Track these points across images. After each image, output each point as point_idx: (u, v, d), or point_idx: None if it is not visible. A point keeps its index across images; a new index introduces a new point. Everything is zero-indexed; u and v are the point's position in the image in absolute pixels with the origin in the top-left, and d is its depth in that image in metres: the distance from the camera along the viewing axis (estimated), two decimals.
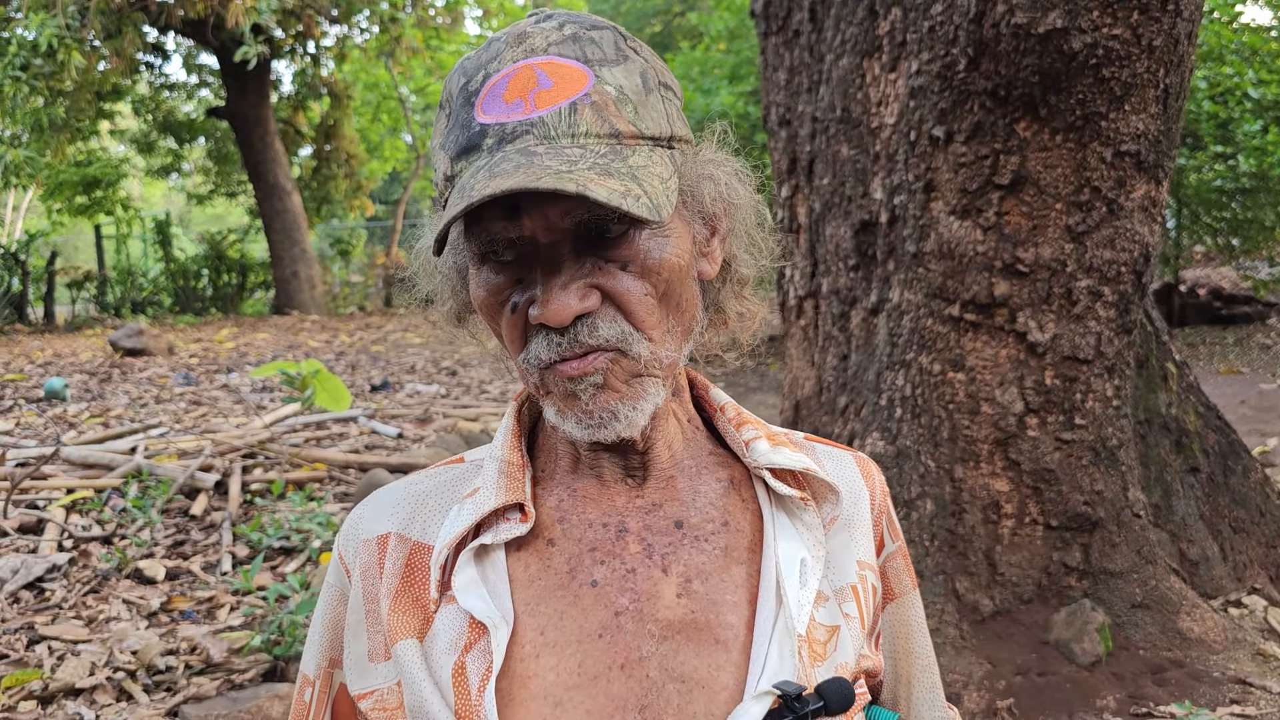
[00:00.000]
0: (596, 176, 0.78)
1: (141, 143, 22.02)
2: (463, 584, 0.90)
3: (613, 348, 0.86)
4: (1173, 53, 2.97)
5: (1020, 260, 3.13)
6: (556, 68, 0.84)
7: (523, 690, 0.86)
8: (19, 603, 3.83)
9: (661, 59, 0.94)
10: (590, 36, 0.87)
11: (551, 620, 0.89)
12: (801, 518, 0.96)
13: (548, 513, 0.95)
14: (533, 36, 0.87)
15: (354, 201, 20.80)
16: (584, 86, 0.84)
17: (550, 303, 0.83)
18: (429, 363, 10.60)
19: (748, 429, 0.99)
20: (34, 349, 12.29)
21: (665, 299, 0.88)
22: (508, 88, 0.84)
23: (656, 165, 0.84)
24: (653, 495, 0.95)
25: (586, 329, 0.85)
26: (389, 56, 16.95)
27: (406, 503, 0.98)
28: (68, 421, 7.11)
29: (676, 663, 0.88)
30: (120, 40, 13.23)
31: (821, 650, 0.92)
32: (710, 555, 0.93)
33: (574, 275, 0.84)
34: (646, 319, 0.87)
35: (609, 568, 0.91)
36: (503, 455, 0.97)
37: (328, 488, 5.29)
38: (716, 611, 0.91)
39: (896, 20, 3.33)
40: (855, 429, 3.53)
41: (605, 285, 0.85)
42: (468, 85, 0.87)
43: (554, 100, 0.83)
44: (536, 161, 0.79)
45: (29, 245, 17.15)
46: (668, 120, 0.88)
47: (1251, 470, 4.00)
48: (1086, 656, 3.00)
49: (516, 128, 0.82)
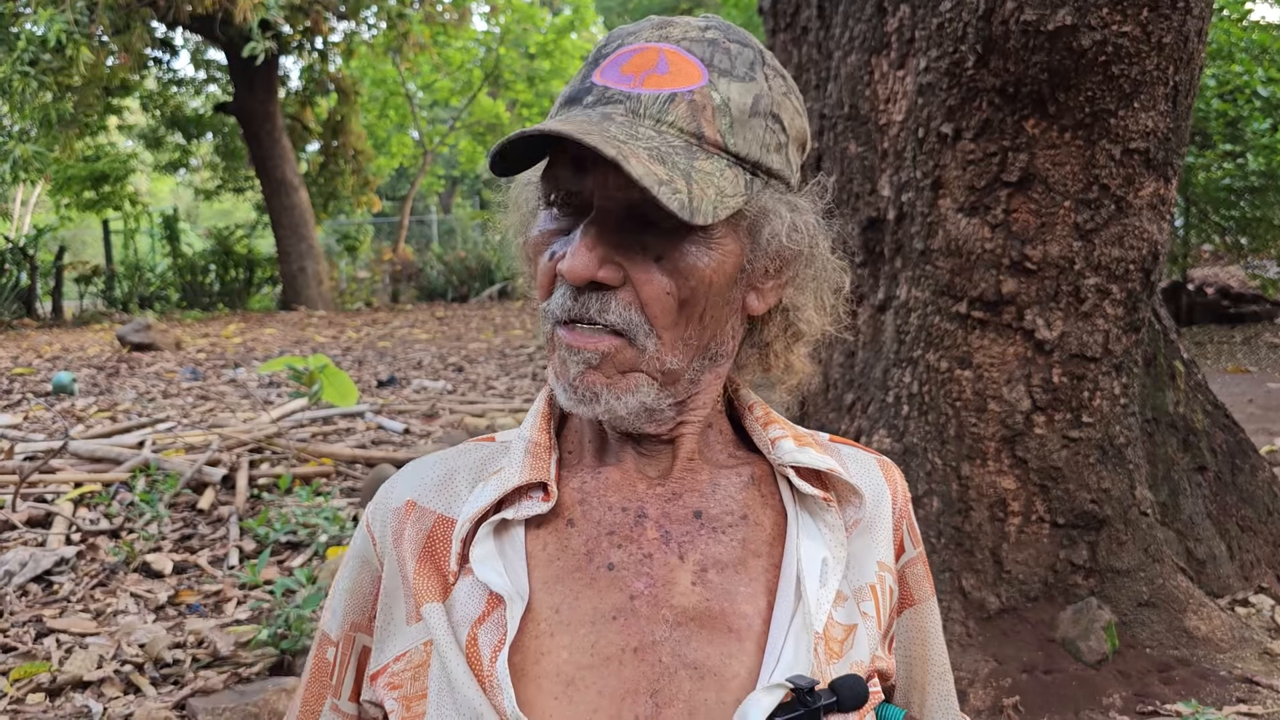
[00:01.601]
0: (647, 157, 0.80)
1: (149, 138, 22.06)
2: (480, 556, 0.91)
3: (618, 333, 0.86)
4: (1182, 50, 2.96)
5: (1028, 258, 3.13)
6: (678, 59, 0.87)
7: (535, 666, 0.87)
8: (27, 596, 3.84)
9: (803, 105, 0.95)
10: (728, 47, 0.89)
11: (567, 600, 0.90)
12: (824, 518, 0.96)
13: (570, 494, 0.95)
14: (675, 25, 0.90)
15: (361, 197, 20.83)
16: (693, 84, 0.86)
17: (572, 257, 0.84)
18: (436, 358, 10.61)
19: (774, 428, 1.00)
20: (42, 343, 12.33)
21: (686, 306, 0.88)
22: (629, 61, 0.87)
23: (722, 178, 0.84)
24: (674, 485, 0.96)
25: (598, 303, 0.86)
26: (396, 52, 16.98)
27: (435, 476, 1.00)
28: (75, 416, 7.13)
29: (689, 649, 0.89)
30: (129, 36, 13.26)
31: (838, 648, 0.92)
32: (728, 546, 0.94)
33: (607, 245, 0.85)
34: (660, 317, 0.87)
35: (626, 552, 0.92)
36: (530, 436, 0.98)
37: (334, 483, 5.30)
38: (731, 601, 0.91)
39: (905, 17, 3.32)
40: (862, 426, 3.53)
41: (632, 270, 0.86)
42: (602, 48, 0.91)
43: (659, 85, 0.85)
44: (605, 126, 0.82)
45: (37, 240, 17.21)
46: (760, 148, 0.88)
47: (1259, 469, 3.99)
48: (1093, 655, 3.00)
49: (615, 95, 0.86)
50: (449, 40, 20.07)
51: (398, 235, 22.56)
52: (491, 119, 23.41)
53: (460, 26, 18.63)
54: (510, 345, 11.72)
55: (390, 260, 21.01)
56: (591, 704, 0.86)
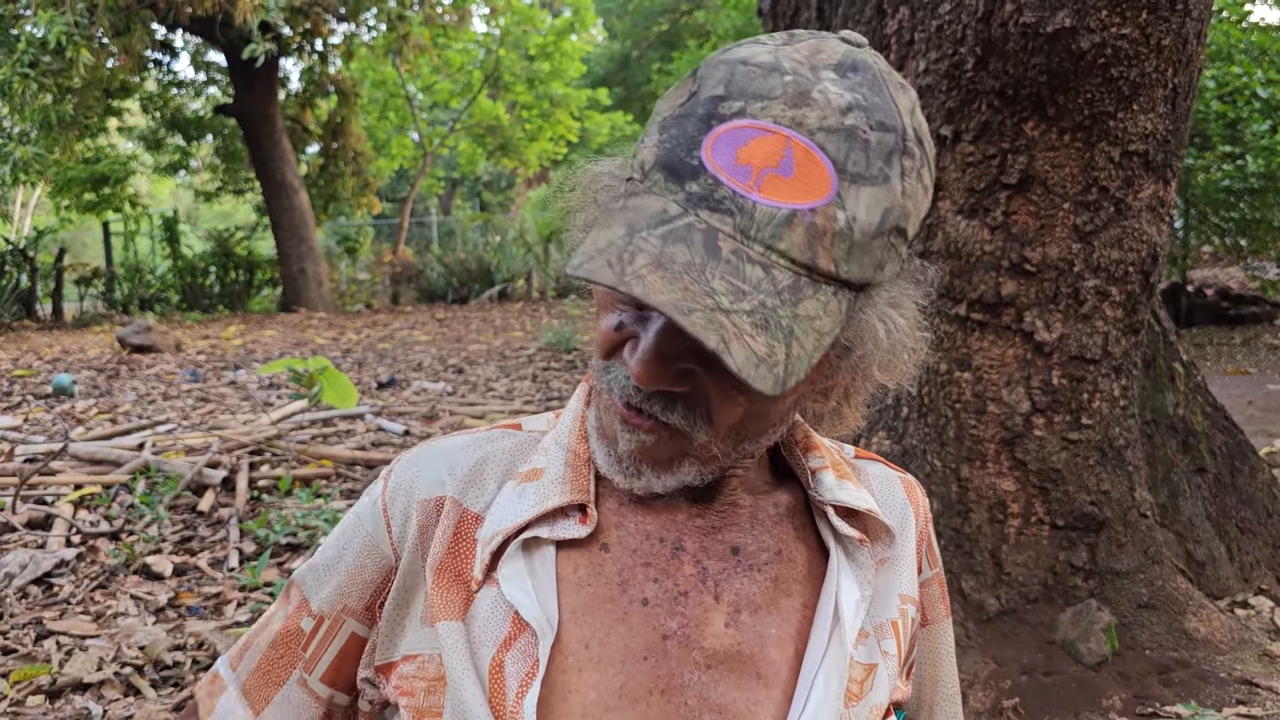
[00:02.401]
0: (750, 328, 0.70)
1: (149, 140, 22.06)
2: (509, 574, 0.87)
3: (677, 430, 0.82)
4: (1181, 52, 2.97)
5: (1027, 260, 3.13)
6: (808, 160, 0.74)
7: (562, 704, 0.84)
8: (27, 598, 3.85)
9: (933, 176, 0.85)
10: (867, 138, 0.76)
11: (598, 634, 0.86)
12: (857, 558, 0.93)
13: (606, 515, 0.91)
14: (815, 105, 0.76)
15: (361, 199, 20.83)
16: (816, 201, 0.74)
17: (644, 365, 0.78)
18: (436, 360, 10.61)
19: (814, 457, 0.96)
20: (42, 345, 12.33)
21: (751, 421, 0.84)
22: (748, 146, 0.74)
23: (824, 318, 0.75)
24: (714, 518, 0.92)
25: (663, 404, 0.81)
26: (396, 54, 16.99)
27: (466, 465, 0.95)
28: (76, 418, 7.13)
29: (717, 694, 0.86)
30: (129, 37, 13.26)
31: (858, 690, 0.90)
32: (761, 586, 0.91)
33: (680, 351, 0.78)
34: (723, 429, 0.83)
35: (661, 587, 0.89)
36: (569, 444, 0.93)
37: (335, 484, 5.30)
38: (762, 646, 0.88)
39: (904, 19, 3.33)
40: (861, 428, 3.53)
41: (709, 381, 0.80)
42: (721, 102, 0.76)
43: (779, 197, 0.73)
44: (705, 277, 0.71)
45: (37, 242, 17.22)
46: (875, 268, 0.78)
47: (1259, 471, 3.99)
48: (1092, 656, 3.00)
49: (724, 199, 0.73)
50: (449, 42, 20.07)
51: (398, 237, 22.56)
52: (491, 120, 23.41)
53: (460, 28, 18.65)
54: (510, 347, 11.72)
55: (390, 262, 21.02)
56: None
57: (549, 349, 11.18)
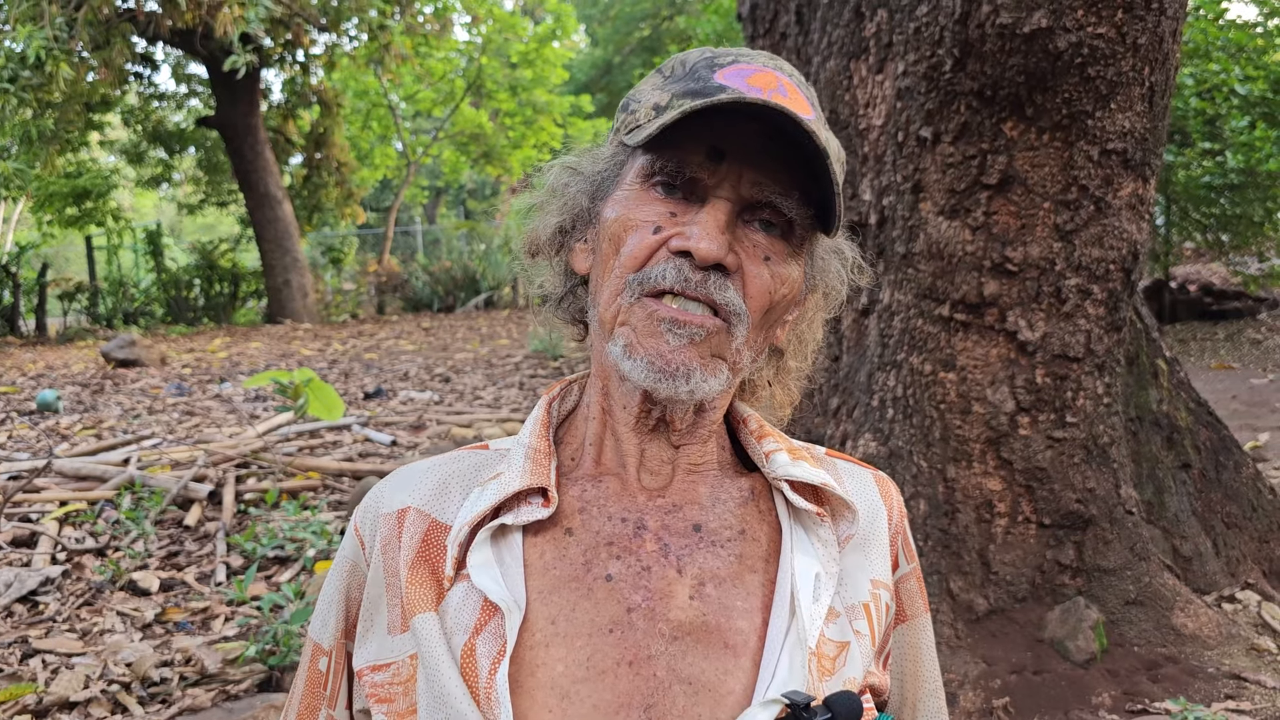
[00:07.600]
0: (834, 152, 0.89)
1: (131, 153, 21.97)
2: (477, 563, 0.91)
3: (724, 317, 0.90)
4: (1157, 50, 2.98)
5: (1009, 259, 3.14)
6: (794, 91, 0.91)
7: (530, 679, 0.87)
8: (13, 616, 3.82)
9: None
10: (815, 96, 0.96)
11: (564, 611, 0.90)
12: (817, 533, 0.96)
13: (569, 502, 0.95)
14: (781, 63, 0.95)
15: (345, 209, 20.77)
16: (809, 117, 0.88)
17: (707, 238, 0.87)
18: (422, 370, 10.58)
19: (769, 441, 1.01)
20: (26, 361, 12.25)
21: (770, 311, 0.93)
22: (753, 75, 0.90)
23: None
24: (674, 497, 0.96)
25: (717, 284, 0.89)
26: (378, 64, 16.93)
27: (429, 483, 0.99)
28: (60, 434, 7.09)
29: (685, 664, 0.89)
30: (109, 51, 13.21)
31: (830, 665, 0.92)
32: (725, 561, 0.94)
33: (731, 232, 0.89)
34: (756, 312, 0.92)
35: (624, 563, 0.92)
36: (530, 442, 0.98)
37: (322, 496, 5.28)
38: (728, 616, 0.91)
39: (883, 22, 3.34)
40: (847, 430, 3.53)
41: (746, 262, 0.91)
42: (713, 59, 0.93)
43: (789, 106, 0.87)
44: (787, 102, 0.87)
45: (20, 257, 17.12)
46: (842, 191, 0.94)
47: (1243, 465, 4.01)
48: (1081, 654, 3.01)
49: (754, 102, 0.86)
50: (431, 51, 20.04)
51: (383, 246, 22.51)
52: (475, 128, 23.39)
53: (442, 37, 18.62)
54: (497, 355, 11.71)
55: (375, 272, 20.97)
56: (585, 718, 0.86)
57: (536, 356, 11.17)
